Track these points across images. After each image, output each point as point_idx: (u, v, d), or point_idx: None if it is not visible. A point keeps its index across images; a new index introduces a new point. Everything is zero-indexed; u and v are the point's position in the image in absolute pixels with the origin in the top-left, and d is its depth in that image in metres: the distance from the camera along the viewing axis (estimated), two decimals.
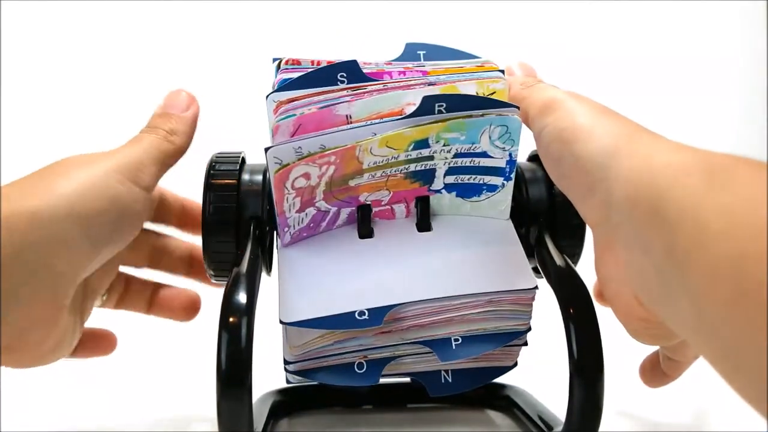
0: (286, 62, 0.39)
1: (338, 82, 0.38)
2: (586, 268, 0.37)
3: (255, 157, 0.42)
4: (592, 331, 0.35)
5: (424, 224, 0.41)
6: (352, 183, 0.39)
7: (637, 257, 0.29)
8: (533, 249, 0.41)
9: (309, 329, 0.37)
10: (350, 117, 0.37)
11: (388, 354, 0.38)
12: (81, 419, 0.44)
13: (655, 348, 0.41)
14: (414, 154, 0.38)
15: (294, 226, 0.39)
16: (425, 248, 0.40)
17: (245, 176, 0.41)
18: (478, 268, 0.38)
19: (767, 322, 0.21)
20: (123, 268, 0.44)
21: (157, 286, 0.45)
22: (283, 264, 0.39)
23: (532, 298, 0.38)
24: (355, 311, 0.36)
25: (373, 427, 0.42)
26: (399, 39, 0.41)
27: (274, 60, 0.39)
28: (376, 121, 0.37)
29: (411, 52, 0.40)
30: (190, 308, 0.45)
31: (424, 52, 0.40)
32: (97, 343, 0.43)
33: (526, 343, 0.40)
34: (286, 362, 0.38)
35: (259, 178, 0.41)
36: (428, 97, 0.37)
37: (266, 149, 0.36)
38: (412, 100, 0.38)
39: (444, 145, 0.38)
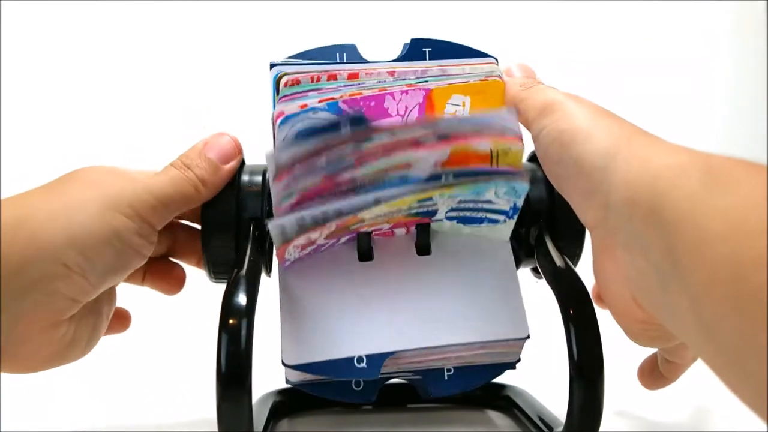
0: (285, 84, 0.39)
1: (337, 58, 0.39)
2: (585, 271, 0.37)
3: (254, 158, 0.42)
4: (592, 332, 0.35)
5: (423, 248, 0.41)
6: (353, 227, 0.39)
7: (636, 259, 0.29)
8: (533, 249, 0.41)
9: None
10: (355, 180, 0.36)
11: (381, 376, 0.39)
12: (81, 419, 0.44)
13: (654, 350, 0.41)
14: (416, 206, 0.39)
15: (294, 257, 0.39)
16: (424, 278, 0.40)
17: (245, 177, 0.41)
18: (475, 313, 0.39)
19: (767, 324, 0.21)
20: None
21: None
22: (283, 293, 0.40)
23: (524, 343, 0.40)
24: (354, 357, 0.38)
25: (373, 427, 0.42)
26: (400, 37, 0.41)
27: (272, 66, 0.39)
28: (379, 191, 0.36)
29: (416, 48, 0.40)
30: (178, 281, 0.45)
31: (429, 49, 0.40)
32: (112, 321, 0.43)
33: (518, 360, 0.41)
34: (284, 363, 0.38)
35: (259, 179, 0.40)
36: (415, 40, 0.38)
37: (268, 221, 0.36)
38: (420, 159, 0.36)
39: (449, 197, 0.39)
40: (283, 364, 0.38)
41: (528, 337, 0.39)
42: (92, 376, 0.52)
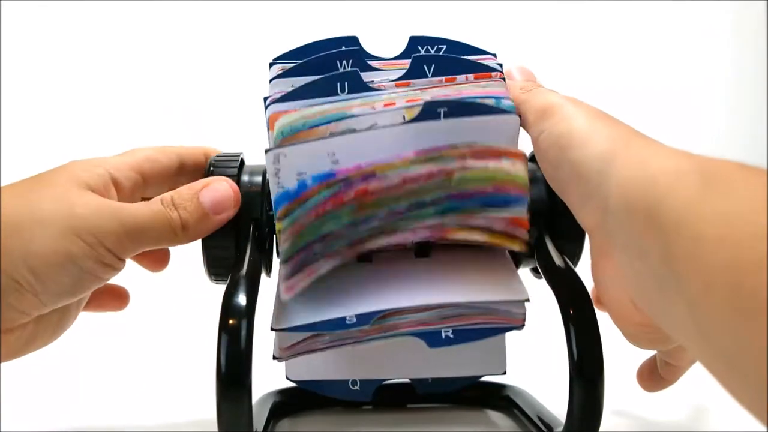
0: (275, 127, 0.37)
1: (339, 91, 0.38)
2: (584, 271, 0.37)
3: (254, 158, 0.43)
4: (592, 332, 0.35)
5: (422, 250, 0.40)
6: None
7: (634, 263, 0.29)
8: (533, 249, 0.41)
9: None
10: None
11: (378, 341, 0.38)
12: (81, 419, 0.44)
13: (653, 353, 0.41)
14: None
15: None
16: (422, 276, 0.39)
17: (244, 178, 0.40)
18: (472, 281, 0.38)
19: (766, 327, 0.21)
20: None
21: None
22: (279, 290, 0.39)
23: (523, 320, 0.38)
24: (345, 317, 0.36)
25: (373, 427, 0.42)
26: (400, 36, 0.41)
27: (271, 64, 0.39)
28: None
29: (414, 46, 0.40)
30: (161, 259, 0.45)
31: (428, 47, 0.40)
32: (108, 298, 0.43)
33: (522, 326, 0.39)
34: (275, 357, 0.38)
35: (259, 179, 0.40)
36: (430, 103, 0.35)
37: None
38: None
39: None
40: (272, 329, 0.37)
41: (528, 300, 0.37)
42: (92, 376, 0.52)
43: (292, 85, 0.38)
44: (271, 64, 0.39)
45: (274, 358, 0.38)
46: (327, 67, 0.38)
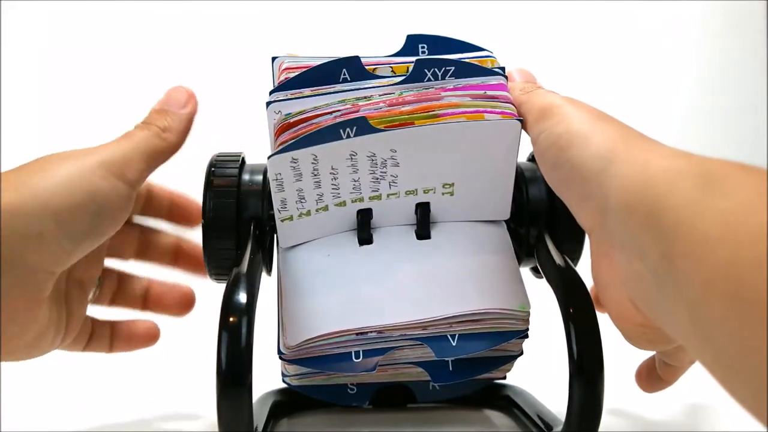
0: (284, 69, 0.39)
1: (341, 80, 0.38)
2: (584, 271, 0.37)
3: (255, 158, 0.43)
4: (592, 331, 0.35)
5: (423, 232, 0.41)
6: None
7: (634, 263, 0.29)
8: (533, 249, 0.41)
9: (309, 334, 0.37)
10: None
11: (383, 346, 0.38)
12: (81, 419, 0.44)
13: (652, 353, 0.41)
14: None
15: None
16: (424, 259, 0.40)
17: (245, 177, 0.41)
18: (473, 286, 0.39)
19: (766, 327, 0.21)
20: (115, 264, 0.44)
21: (151, 282, 0.46)
22: (283, 277, 0.39)
23: (528, 316, 0.38)
24: (351, 352, 0.37)
25: (373, 427, 0.42)
26: (399, 34, 0.41)
27: (273, 59, 0.39)
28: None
29: (412, 45, 0.40)
30: (184, 303, 0.46)
31: (426, 45, 0.40)
32: (137, 335, 0.44)
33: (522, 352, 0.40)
34: (280, 353, 0.38)
35: (259, 178, 0.41)
36: (411, 36, 0.39)
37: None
38: None
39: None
40: (280, 355, 0.37)
41: (528, 309, 0.38)
42: (92, 375, 0.52)
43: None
44: (273, 59, 0.39)
45: (280, 355, 0.38)
46: (329, 76, 0.38)
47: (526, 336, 0.39)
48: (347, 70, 0.38)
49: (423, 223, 0.40)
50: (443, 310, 0.37)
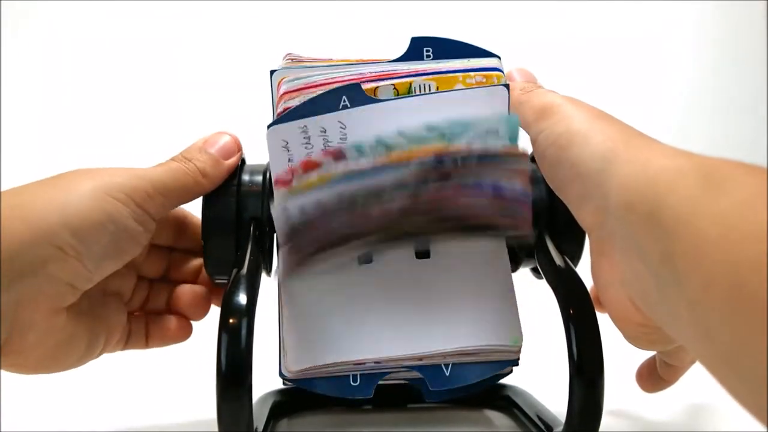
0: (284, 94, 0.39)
1: (341, 107, 0.38)
2: (584, 271, 0.37)
3: (255, 158, 0.43)
4: (592, 332, 0.35)
5: (422, 251, 0.41)
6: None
7: (634, 262, 0.29)
8: (533, 249, 0.41)
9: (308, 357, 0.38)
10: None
11: (380, 371, 0.40)
12: (81, 419, 0.44)
13: (652, 353, 0.41)
14: None
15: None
16: (422, 282, 0.40)
17: (245, 177, 0.41)
18: (470, 319, 0.39)
19: (766, 327, 0.21)
20: None
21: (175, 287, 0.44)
22: (283, 296, 0.40)
23: (518, 351, 0.40)
24: (349, 376, 0.39)
25: (373, 427, 0.42)
26: (403, 35, 0.41)
27: (272, 72, 0.39)
28: None
29: (417, 48, 0.40)
30: (202, 306, 0.44)
31: (431, 49, 0.40)
32: (171, 331, 0.43)
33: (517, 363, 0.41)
34: (282, 374, 0.39)
35: (259, 178, 0.41)
36: (416, 39, 0.39)
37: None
38: None
39: None
40: (281, 375, 0.39)
41: (521, 346, 0.39)
42: (92, 375, 0.52)
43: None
44: (271, 72, 0.40)
45: (281, 376, 0.39)
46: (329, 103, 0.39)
47: (517, 364, 0.41)
48: (347, 96, 0.38)
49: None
50: (438, 346, 0.39)
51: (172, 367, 0.54)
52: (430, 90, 0.39)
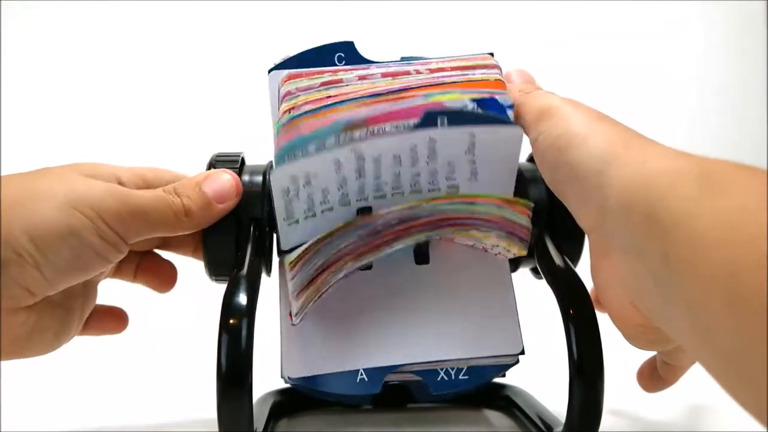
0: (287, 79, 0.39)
1: (336, 62, 0.39)
2: (584, 271, 0.37)
3: (255, 158, 0.43)
4: (592, 332, 0.35)
5: (422, 257, 0.41)
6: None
7: (633, 263, 0.29)
8: (533, 250, 0.41)
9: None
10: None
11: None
12: (81, 419, 0.44)
13: (653, 353, 0.41)
14: None
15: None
16: (422, 289, 0.40)
17: (245, 177, 0.41)
18: (470, 328, 0.39)
19: (766, 327, 0.21)
20: None
21: (142, 258, 0.44)
22: (283, 303, 0.40)
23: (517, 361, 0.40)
24: (355, 371, 0.39)
25: (373, 427, 0.42)
26: (398, 39, 0.41)
27: (270, 71, 0.39)
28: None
29: (429, 119, 0.40)
30: (168, 279, 0.45)
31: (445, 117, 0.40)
32: (106, 321, 0.43)
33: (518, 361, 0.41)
34: (284, 377, 0.39)
35: (259, 179, 0.40)
36: (429, 111, 0.37)
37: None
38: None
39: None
40: (283, 377, 0.38)
41: (522, 352, 0.40)
42: (92, 375, 0.52)
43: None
44: (270, 71, 0.40)
45: (284, 378, 0.39)
46: (323, 59, 0.39)
47: (517, 361, 0.41)
48: (344, 54, 0.39)
49: (422, 249, 0.41)
50: (438, 356, 0.39)
51: (172, 367, 0.54)
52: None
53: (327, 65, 0.39)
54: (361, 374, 0.40)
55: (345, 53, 0.38)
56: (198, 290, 0.47)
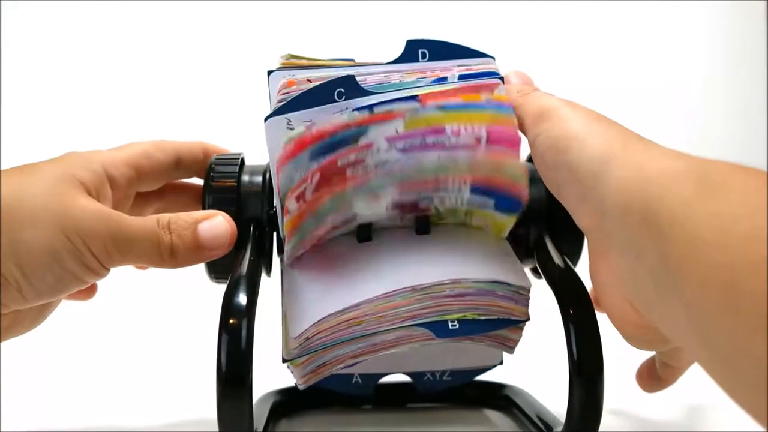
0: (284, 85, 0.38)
1: (336, 98, 0.37)
2: (584, 271, 0.37)
3: (255, 158, 0.43)
4: (592, 332, 0.35)
5: (422, 227, 0.40)
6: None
7: (631, 264, 0.29)
8: (533, 249, 0.41)
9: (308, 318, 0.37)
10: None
11: (389, 335, 0.37)
12: (81, 419, 0.44)
13: (652, 353, 0.41)
14: None
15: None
16: (423, 250, 0.39)
17: (245, 178, 0.41)
18: (476, 262, 0.38)
19: (765, 328, 0.21)
20: None
21: None
22: (284, 279, 0.39)
23: (528, 300, 0.38)
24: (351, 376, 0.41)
25: (373, 427, 0.42)
26: (399, 36, 0.41)
27: (269, 73, 0.39)
28: None
29: (412, 50, 0.40)
30: None
31: (427, 51, 0.40)
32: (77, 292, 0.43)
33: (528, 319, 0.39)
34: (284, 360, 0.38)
35: (259, 179, 0.41)
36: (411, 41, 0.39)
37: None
38: None
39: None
40: (283, 361, 0.37)
41: (501, 363, 0.40)
42: (92, 375, 0.53)
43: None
44: (269, 73, 0.39)
45: (284, 361, 0.38)
46: (324, 95, 0.37)
47: (527, 321, 0.38)
48: (344, 89, 0.37)
49: (421, 222, 0.40)
50: (437, 277, 0.36)
51: (172, 367, 0.54)
52: None
53: (327, 103, 0.37)
54: (356, 378, 0.42)
55: (345, 88, 0.37)
56: (198, 290, 0.47)
